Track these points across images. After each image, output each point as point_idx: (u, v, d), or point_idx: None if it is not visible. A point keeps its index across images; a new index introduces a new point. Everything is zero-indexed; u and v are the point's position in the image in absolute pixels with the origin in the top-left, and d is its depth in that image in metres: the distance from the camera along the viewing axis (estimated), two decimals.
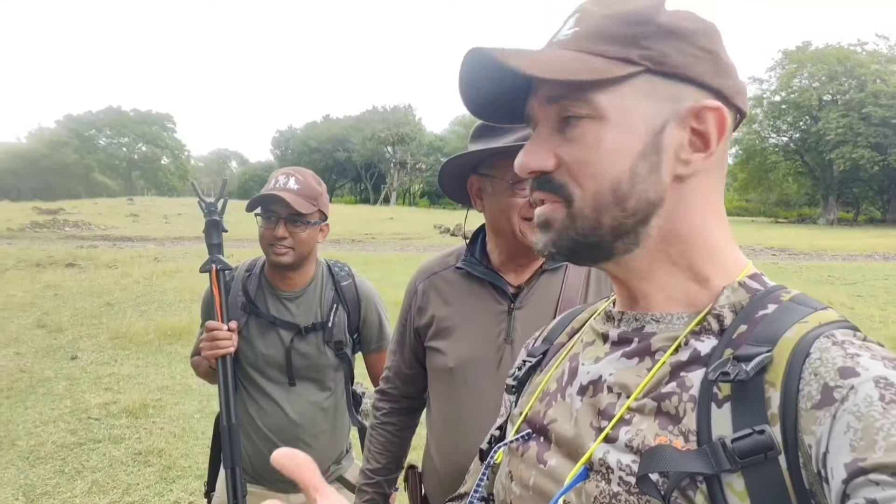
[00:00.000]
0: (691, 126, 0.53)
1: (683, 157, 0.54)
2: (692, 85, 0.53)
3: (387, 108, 57.10)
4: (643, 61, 0.52)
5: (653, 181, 0.53)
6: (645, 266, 0.57)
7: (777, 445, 0.44)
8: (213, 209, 1.60)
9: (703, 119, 0.53)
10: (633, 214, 0.54)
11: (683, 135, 0.53)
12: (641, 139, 0.53)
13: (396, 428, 1.38)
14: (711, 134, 0.53)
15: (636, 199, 0.53)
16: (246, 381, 1.67)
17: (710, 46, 0.54)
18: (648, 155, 0.53)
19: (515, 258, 1.20)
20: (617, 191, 0.53)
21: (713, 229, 0.57)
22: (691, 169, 0.54)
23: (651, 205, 0.54)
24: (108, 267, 11.24)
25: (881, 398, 0.41)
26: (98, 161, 59.16)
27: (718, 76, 0.54)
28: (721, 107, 0.53)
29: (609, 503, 0.51)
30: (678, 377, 0.52)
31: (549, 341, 0.73)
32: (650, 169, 0.53)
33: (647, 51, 0.52)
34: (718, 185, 0.57)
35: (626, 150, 0.52)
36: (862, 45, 36.98)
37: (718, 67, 0.54)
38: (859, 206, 39.51)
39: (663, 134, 0.53)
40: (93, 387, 4.90)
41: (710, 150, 0.54)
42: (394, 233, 21.33)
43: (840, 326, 0.49)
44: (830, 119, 33.08)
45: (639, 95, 0.52)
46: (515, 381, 0.72)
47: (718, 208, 0.58)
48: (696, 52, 0.53)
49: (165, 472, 3.48)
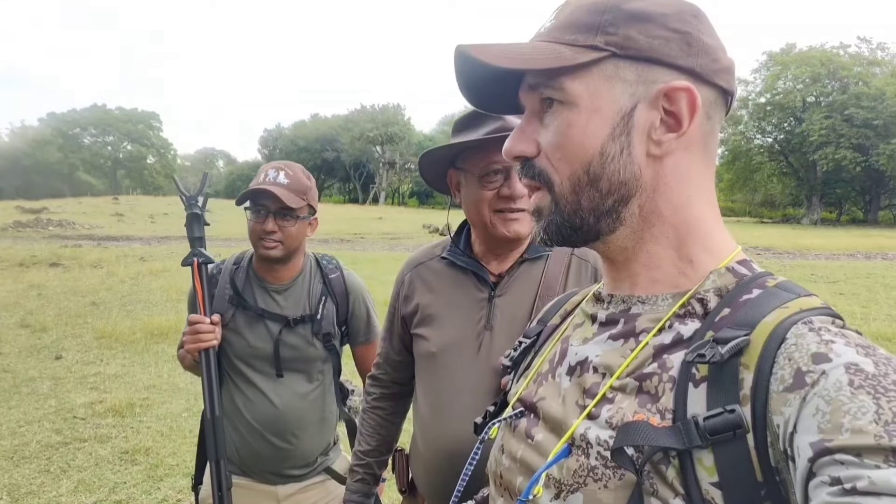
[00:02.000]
0: (663, 107, 0.54)
1: (655, 138, 0.55)
2: (662, 66, 0.54)
3: (376, 108, 56.90)
4: (608, 47, 0.54)
5: (624, 161, 0.55)
6: (630, 245, 0.58)
7: (746, 424, 0.46)
8: (194, 202, 1.60)
9: (673, 100, 0.54)
10: (608, 194, 0.56)
11: (655, 115, 0.55)
12: (610, 121, 0.55)
13: (386, 412, 1.42)
14: (683, 114, 0.54)
15: (608, 180, 0.55)
16: (233, 372, 1.68)
17: (683, 27, 0.54)
18: (618, 136, 0.55)
19: (493, 248, 1.24)
20: (589, 172, 0.55)
21: (699, 211, 0.57)
22: (664, 149, 0.55)
23: (625, 185, 0.55)
24: (93, 266, 11.11)
25: (850, 383, 0.42)
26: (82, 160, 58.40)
27: (691, 56, 0.54)
28: (690, 87, 0.54)
29: (587, 476, 0.53)
30: (660, 359, 0.53)
31: (543, 322, 0.75)
32: (620, 149, 0.55)
33: (611, 36, 0.54)
34: (703, 167, 0.58)
35: (595, 132, 0.55)
36: (844, 47, 37.61)
37: (691, 47, 0.54)
38: (842, 206, 40.06)
39: (633, 115, 0.55)
40: (78, 386, 4.85)
41: (682, 129, 0.55)
42: (383, 232, 21.29)
43: (820, 313, 0.50)
44: (814, 120, 33.55)
45: (607, 80, 0.54)
46: (511, 362, 0.74)
47: (705, 190, 0.58)
48: (665, 33, 0.54)
49: (153, 470, 3.46)
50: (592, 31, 0.54)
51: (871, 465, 0.39)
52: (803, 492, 0.42)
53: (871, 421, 0.40)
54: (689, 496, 0.47)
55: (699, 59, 0.55)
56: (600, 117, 0.55)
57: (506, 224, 1.16)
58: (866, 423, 0.40)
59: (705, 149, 0.57)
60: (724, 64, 0.56)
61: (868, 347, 0.46)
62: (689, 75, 0.55)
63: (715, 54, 0.56)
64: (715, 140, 0.58)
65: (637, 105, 0.55)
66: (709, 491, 0.46)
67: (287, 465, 1.67)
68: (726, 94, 0.57)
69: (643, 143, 0.55)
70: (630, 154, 0.55)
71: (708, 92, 0.56)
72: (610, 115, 0.55)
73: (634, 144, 0.55)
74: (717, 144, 0.59)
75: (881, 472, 0.38)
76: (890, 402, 0.41)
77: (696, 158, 0.57)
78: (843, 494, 0.39)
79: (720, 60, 0.56)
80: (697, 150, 0.57)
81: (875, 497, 0.38)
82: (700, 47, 0.55)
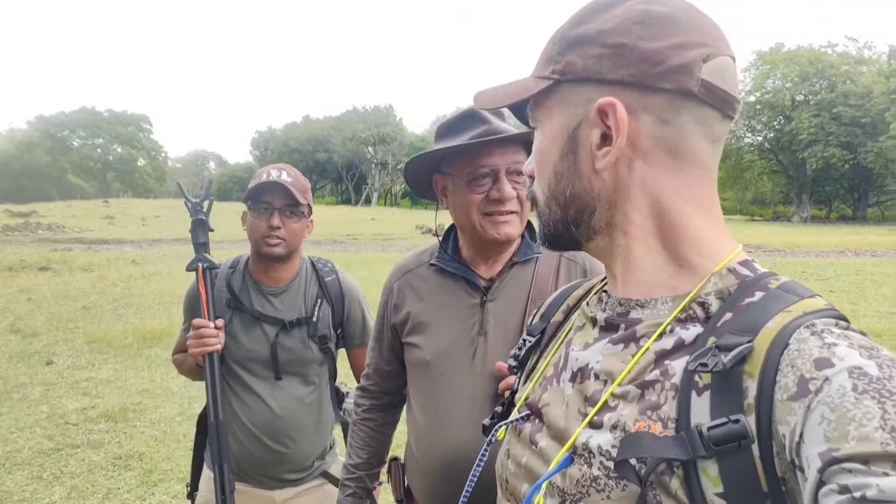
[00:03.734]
0: (604, 122, 0.56)
1: (597, 153, 0.57)
2: (597, 84, 0.56)
3: (367, 109, 56.81)
4: (553, 75, 0.59)
5: (571, 177, 0.59)
6: (612, 251, 0.60)
7: (750, 435, 0.45)
8: (199, 208, 1.62)
9: (606, 115, 0.55)
10: (566, 207, 0.60)
11: (595, 132, 0.57)
12: (560, 142, 0.59)
13: (377, 423, 1.40)
14: (612, 127, 0.55)
15: (562, 194, 0.60)
16: (230, 377, 1.67)
17: (618, 40, 0.54)
18: (566, 155, 0.59)
19: (482, 251, 1.24)
20: (550, 188, 0.61)
21: (686, 214, 0.57)
22: (606, 162, 0.56)
23: (577, 198, 0.59)
24: (83, 270, 11.01)
25: (854, 388, 0.42)
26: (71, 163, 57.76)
27: (622, 67, 0.54)
28: (612, 101, 0.54)
29: (590, 486, 0.53)
30: (662, 365, 0.53)
31: (546, 318, 0.75)
32: (567, 167, 0.59)
33: (557, 64, 0.58)
34: (672, 172, 0.56)
35: (550, 152, 0.60)
36: (832, 46, 38.03)
37: (624, 59, 0.54)
38: (832, 203, 40.43)
39: (577, 134, 0.58)
40: (70, 392, 4.81)
41: (613, 143, 0.55)
42: (375, 233, 21.25)
43: (823, 315, 0.49)
44: (803, 119, 33.86)
45: (558, 105, 0.59)
46: (516, 361, 0.75)
47: (691, 194, 0.57)
48: (598, 51, 0.55)
49: (147, 475, 3.44)
50: (548, 63, 0.59)
51: (878, 473, 0.38)
52: (813, 502, 0.42)
53: (878, 427, 0.40)
54: None
55: (632, 69, 0.54)
56: (553, 139, 0.60)
57: (496, 227, 1.16)
58: (872, 429, 0.40)
59: (672, 153, 0.55)
60: (673, 63, 0.53)
61: (872, 349, 0.45)
62: (623, 87, 0.54)
63: (658, 57, 0.53)
64: (692, 140, 0.55)
65: (580, 124, 0.58)
66: (714, 501, 0.46)
67: (284, 469, 1.66)
68: (687, 94, 0.53)
69: (588, 158, 0.58)
70: (576, 170, 0.59)
71: (653, 98, 0.54)
72: (560, 137, 0.59)
73: (580, 161, 0.58)
74: (700, 144, 0.56)
75: (889, 480, 0.38)
76: (895, 406, 0.40)
77: (662, 164, 0.56)
78: (852, 503, 0.39)
79: (665, 62, 0.53)
80: (659, 156, 0.56)
81: None
82: (636, 56, 0.53)
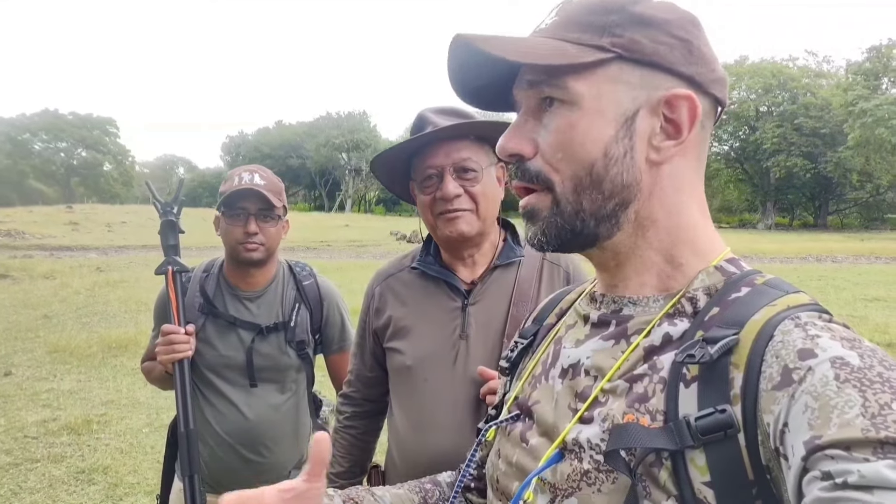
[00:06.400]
0: (664, 113, 0.55)
1: (655, 144, 0.55)
2: (664, 73, 0.54)
3: (341, 115, 56.56)
4: (614, 48, 0.53)
5: (627, 164, 0.55)
6: (625, 250, 0.59)
7: (736, 424, 0.46)
8: (169, 209, 1.57)
9: (674, 107, 0.54)
10: (610, 197, 0.55)
11: (656, 122, 0.55)
12: (614, 124, 0.54)
13: (359, 431, 1.38)
14: (683, 122, 0.55)
15: (612, 182, 0.55)
16: (203, 384, 1.62)
17: (685, 35, 0.55)
18: (621, 139, 0.54)
19: (452, 252, 1.24)
20: (592, 173, 0.55)
21: (691, 214, 0.58)
22: (663, 155, 0.56)
23: (627, 188, 0.56)
24: (44, 278, 10.63)
25: (836, 377, 0.43)
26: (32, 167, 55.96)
27: (692, 64, 0.55)
28: (692, 95, 0.54)
29: (580, 480, 0.53)
30: (651, 360, 0.53)
31: (539, 322, 0.74)
32: (624, 153, 0.55)
33: (618, 38, 0.54)
34: (696, 172, 0.59)
35: (599, 133, 0.54)
36: (793, 59, 39.68)
37: (692, 55, 0.55)
38: (794, 211, 41.84)
39: (635, 120, 0.55)
40: (29, 404, 4.61)
41: (682, 137, 0.55)
42: (350, 240, 21.11)
43: (807, 309, 0.50)
44: (766, 129, 35.08)
45: (611, 82, 0.54)
46: (508, 364, 0.73)
47: (697, 194, 0.59)
48: (668, 40, 0.54)
49: (112, 489, 3.31)
50: (598, 32, 0.54)
51: (860, 459, 0.39)
52: (797, 489, 0.42)
53: (858, 414, 0.40)
54: (681, 496, 0.47)
55: (699, 68, 0.55)
56: (604, 119, 0.54)
57: (447, 225, 1.16)
58: (853, 416, 0.41)
59: (699, 157, 0.58)
60: (720, 74, 0.57)
61: (854, 340, 0.46)
62: (689, 83, 0.55)
63: (712, 64, 0.56)
64: (706, 148, 0.59)
65: (639, 109, 0.55)
66: (701, 490, 0.47)
67: (260, 479, 1.60)
68: (718, 105, 0.58)
69: (644, 148, 0.55)
70: (633, 158, 0.55)
71: (705, 101, 0.56)
72: (613, 118, 0.54)
73: (636, 149, 0.55)
74: (707, 151, 0.60)
75: (870, 466, 0.38)
76: (876, 394, 0.41)
77: (691, 165, 0.58)
78: (834, 489, 0.39)
79: (716, 71, 0.57)
80: (693, 157, 0.58)
81: (866, 491, 0.38)
82: (699, 56, 0.55)
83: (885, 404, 0.41)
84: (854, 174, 33.62)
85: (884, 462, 0.38)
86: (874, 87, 32.10)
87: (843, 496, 0.39)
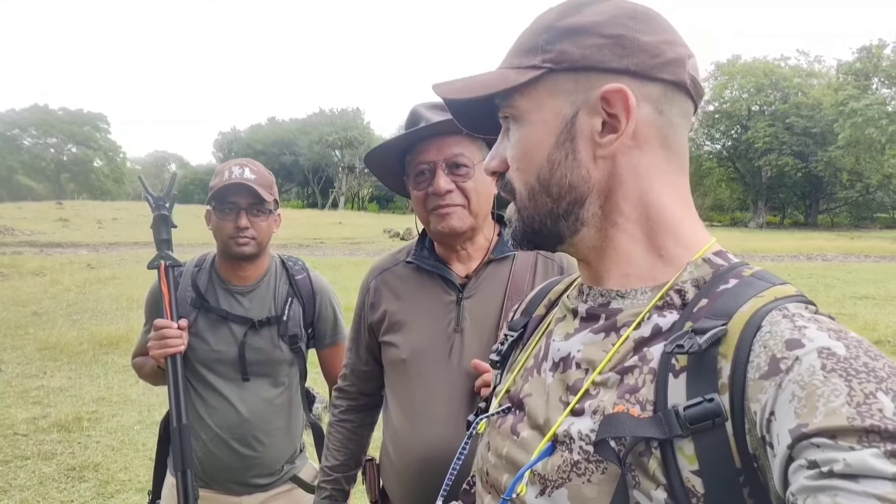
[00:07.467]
0: (605, 110, 0.56)
1: (599, 140, 0.57)
2: (599, 73, 0.56)
3: (334, 111, 56.36)
4: (545, 64, 0.58)
5: (570, 166, 0.58)
6: (598, 244, 0.60)
7: (724, 413, 0.47)
8: (162, 203, 1.56)
9: (611, 102, 0.56)
10: (559, 198, 0.59)
11: (597, 120, 0.57)
12: (555, 130, 0.58)
13: (354, 425, 1.38)
14: (619, 114, 0.56)
15: (558, 184, 0.58)
16: (195, 379, 1.61)
17: (616, 31, 0.56)
18: (562, 143, 0.58)
19: (445, 246, 1.24)
20: (540, 179, 0.59)
21: (665, 206, 0.59)
22: (610, 150, 0.57)
23: (574, 188, 0.58)
24: (34, 274, 10.54)
25: (823, 367, 0.44)
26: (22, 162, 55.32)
27: (625, 57, 0.56)
28: (621, 87, 0.55)
29: (571, 471, 0.53)
30: (640, 351, 0.54)
31: (528, 314, 0.75)
32: (565, 155, 0.58)
33: (548, 54, 0.58)
34: (664, 161, 0.59)
35: (542, 142, 0.59)
36: (785, 59, 39.94)
37: (626, 49, 0.56)
38: (785, 210, 42.13)
39: (575, 122, 0.58)
40: (19, 401, 4.58)
41: (621, 129, 0.56)
42: (343, 237, 21.05)
43: (794, 300, 0.51)
44: (758, 128, 35.29)
45: (550, 94, 0.58)
46: (499, 356, 0.74)
47: (671, 184, 0.59)
48: (597, 41, 0.56)
49: (103, 487, 3.30)
50: (533, 52, 0.59)
51: (845, 448, 0.40)
52: (782, 477, 0.43)
53: (844, 403, 0.41)
54: (670, 485, 0.48)
55: (634, 59, 0.56)
56: (546, 128, 0.58)
57: (439, 220, 1.17)
58: (839, 405, 0.41)
59: (664, 143, 0.58)
60: (669, 56, 0.57)
61: (840, 331, 0.47)
62: (627, 75, 0.56)
63: (655, 50, 0.57)
64: (677, 133, 0.59)
65: (578, 112, 0.57)
66: (689, 479, 0.47)
67: (252, 473, 1.61)
68: (680, 86, 0.58)
69: (588, 147, 0.58)
70: (575, 158, 0.58)
71: (652, 88, 0.57)
72: (554, 125, 0.58)
73: (579, 149, 0.58)
74: (684, 136, 0.60)
75: (855, 454, 0.39)
76: (861, 383, 0.42)
77: (655, 154, 0.58)
78: (820, 478, 0.40)
79: (663, 54, 0.57)
80: (654, 146, 0.58)
81: (851, 479, 0.39)
82: (636, 47, 0.56)
83: (870, 393, 0.41)
84: (844, 173, 33.91)
85: (869, 451, 0.39)
86: (864, 87, 32.36)
87: (828, 484, 0.39)
